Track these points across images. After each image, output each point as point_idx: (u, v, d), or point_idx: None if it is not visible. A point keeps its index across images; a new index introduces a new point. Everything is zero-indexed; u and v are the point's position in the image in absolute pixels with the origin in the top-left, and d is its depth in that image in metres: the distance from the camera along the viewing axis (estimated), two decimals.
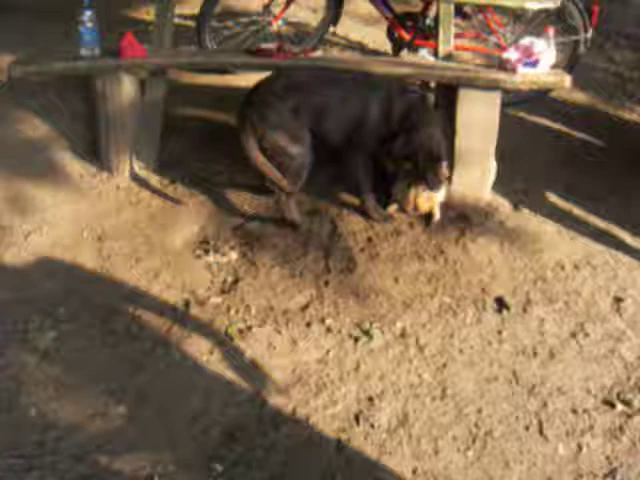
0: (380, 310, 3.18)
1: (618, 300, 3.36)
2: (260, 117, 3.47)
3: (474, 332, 3.12)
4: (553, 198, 4.00)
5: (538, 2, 4.09)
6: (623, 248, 3.69)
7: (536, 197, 3.97)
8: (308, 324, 3.09)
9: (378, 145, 3.60)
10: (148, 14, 5.18)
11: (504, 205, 3.86)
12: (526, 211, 3.85)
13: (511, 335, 3.11)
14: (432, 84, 4.29)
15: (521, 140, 4.35)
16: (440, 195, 3.67)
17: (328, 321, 3.11)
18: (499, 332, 3.13)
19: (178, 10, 4.71)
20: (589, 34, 4.47)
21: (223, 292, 3.24)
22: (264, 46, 3.92)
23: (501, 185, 3.92)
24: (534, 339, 3.10)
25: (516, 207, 3.86)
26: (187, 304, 3.16)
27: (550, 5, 4.11)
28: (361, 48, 5.22)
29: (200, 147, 4.08)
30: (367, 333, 3.05)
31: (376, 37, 5.20)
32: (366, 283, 3.32)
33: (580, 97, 4.95)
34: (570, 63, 4.53)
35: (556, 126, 4.64)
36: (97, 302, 3.15)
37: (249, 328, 3.05)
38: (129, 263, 3.38)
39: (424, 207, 3.66)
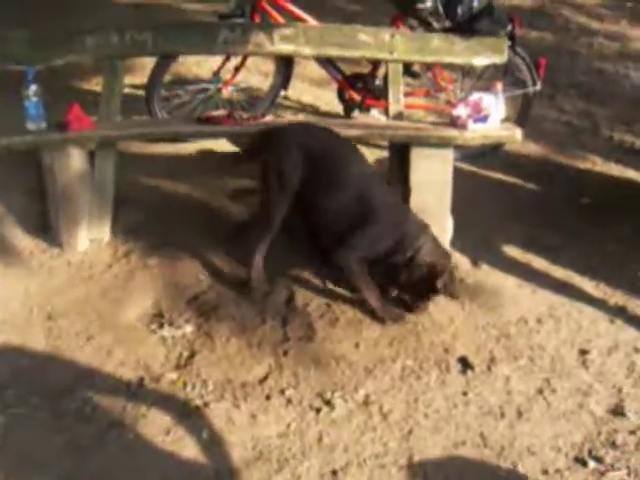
0: (342, 378, 3.09)
1: (583, 352, 3.31)
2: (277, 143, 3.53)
3: (439, 395, 3.03)
4: (512, 251, 3.98)
5: (485, 58, 4.13)
6: (585, 299, 3.67)
7: (495, 251, 3.95)
8: (268, 397, 2.98)
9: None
10: (99, 85, 5.14)
11: (463, 262, 3.82)
12: (485, 267, 3.81)
13: (477, 396, 3.04)
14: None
15: (476, 195, 4.33)
16: None
17: (288, 392, 3.00)
18: (464, 393, 3.05)
19: (129, 79, 4.71)
20: (537, 87, 4.51)
21: (179, 367, 3.12)
22: (213, 114, 3.90)
23: (459, 241, 3.89)
24: (500, 399, 3.03)
25: (475, 263, 3.83)
26: (141, 381, 3.04)
27: (497, 60, 4.15)
28: (313, 110, 5.22)
29: (154, 217, 4.00)
30: (329, 403, 2.95)
31: (328, 99, 5.21)
32: (326, 350, 3.23)
33: (533, 149, 4.98)
34: (521, 116, 4.56)
35: (511, 179, 4.65)
36: (48, 384, 3.02)
37: (206, 404, 2.93)
38: (81, 341, 3.25)
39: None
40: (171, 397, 2.97)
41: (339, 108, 4.82)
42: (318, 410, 2.93)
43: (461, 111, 3.83)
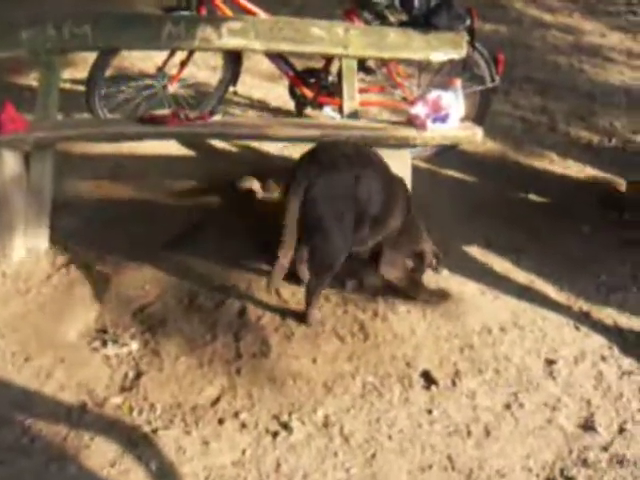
0: (299, 397, 2.90)
1: (550, 362, 3.19)
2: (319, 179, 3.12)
3: (402, 414, 2.87)
4: (472, 254, 3.84)
5: (443, 53, 3.99)
6: (549, 304, 3.54)
7: (454, 255, 3.78)
8: (220, 421, 2.77)
9: None
10: (37, 79, 4.86)
11: None
12: (445, 272, 3.66)
13: (442, 414, 2.88)
14: None
15: (433, 195, 4.19)
16: None
17: (242, 415, 2.80)
18: (429, 411, 2.89)
19: (69, 74, 4.45)
20: (496, 83, 4.37)
21: (124, 390, 2.89)
22: (157, 113, 3.67)
23: None
24: (467, 416, 2.88)
25: (435, 268, 3.66)
26: (84, 407, 2.80)
27: (456, 56, 4.01)
28: (264, 107, 5.02)
29: (95, 223, 3.76)
30: (286, 426, 2.76)
31: (279, 95, 5.02)
32: (282, 367, 3.04)
33: (490, 146, 4.86)
34: (479, 114, 4.41)
35: (468, 178, 4.53)
36: None
37: (154, 431, 2.71)
38: (18, 362, 2.99)
39: None
40: (116, 424, 2.74)
41: (290, 104, 4.62)
42: (275, 434, 2.73)
43: (420, 110, 3.67)
